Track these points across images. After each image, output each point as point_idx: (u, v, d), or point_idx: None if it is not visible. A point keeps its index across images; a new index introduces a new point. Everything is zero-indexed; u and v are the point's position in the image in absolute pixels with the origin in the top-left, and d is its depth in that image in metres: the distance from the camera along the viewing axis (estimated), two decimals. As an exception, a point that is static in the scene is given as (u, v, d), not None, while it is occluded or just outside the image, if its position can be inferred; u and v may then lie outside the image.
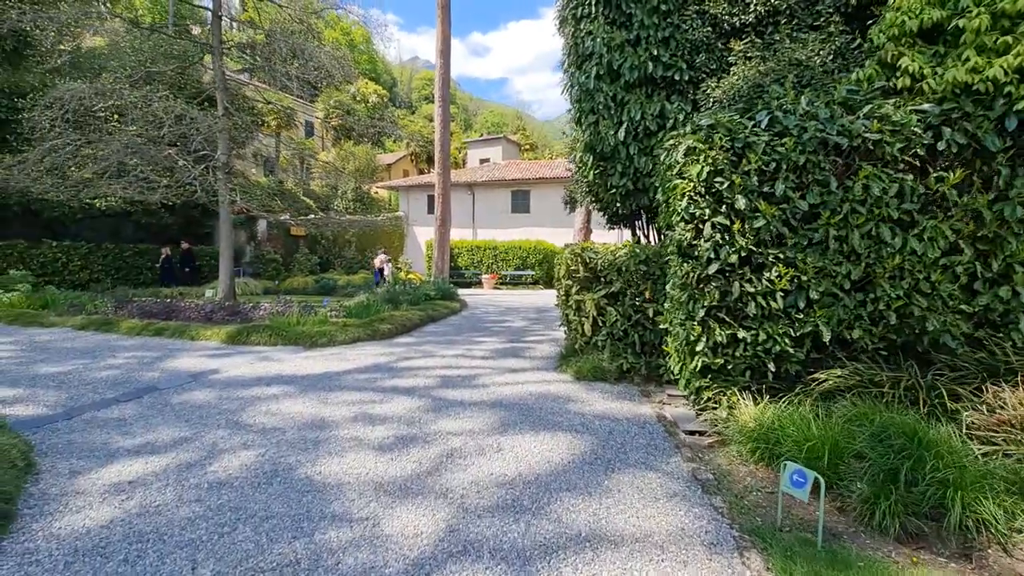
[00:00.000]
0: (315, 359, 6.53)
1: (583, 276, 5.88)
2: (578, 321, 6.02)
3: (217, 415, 4.24)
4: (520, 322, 10.58)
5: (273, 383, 5.28)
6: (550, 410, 4.51)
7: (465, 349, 7.34)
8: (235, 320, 8.02)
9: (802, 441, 2.99)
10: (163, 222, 15.66)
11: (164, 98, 9.59)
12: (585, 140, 5.84)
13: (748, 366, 3.88)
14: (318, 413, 4.32)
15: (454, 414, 4.35)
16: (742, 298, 3.72)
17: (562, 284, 6.26)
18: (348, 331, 7.88)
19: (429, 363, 6.40)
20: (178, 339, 7.45)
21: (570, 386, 5.36)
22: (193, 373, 5.63)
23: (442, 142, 17.54)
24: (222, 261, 11.60)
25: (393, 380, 5.49)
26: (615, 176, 5.75)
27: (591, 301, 5.76)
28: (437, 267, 17.61)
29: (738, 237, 3.65)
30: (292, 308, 8.36)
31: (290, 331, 7.56)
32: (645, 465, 3.36)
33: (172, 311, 8.27)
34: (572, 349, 6.31)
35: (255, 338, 7.28)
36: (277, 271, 19.28)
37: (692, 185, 3.75)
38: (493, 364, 6.38)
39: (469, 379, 5.60)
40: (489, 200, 27.34)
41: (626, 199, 5.90)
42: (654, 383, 5.50)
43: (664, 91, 5.45)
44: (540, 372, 5.98)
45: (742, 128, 3.69)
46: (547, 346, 7.68)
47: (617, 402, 4.83)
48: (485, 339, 8.29)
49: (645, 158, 5.54)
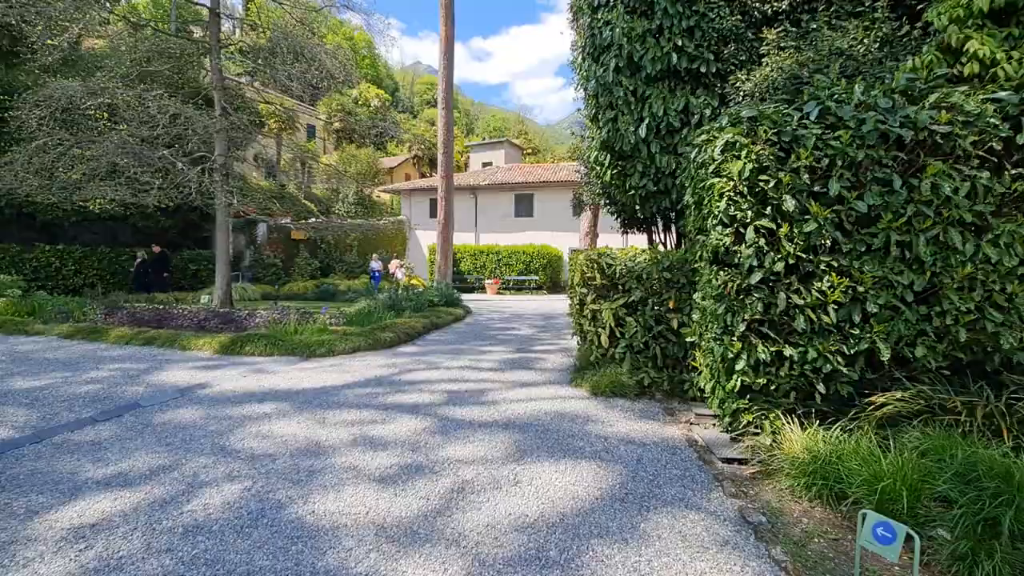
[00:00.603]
0: (312, 371, 6.12)
1: (600, 284, 5.48)
2: (594, 332, 5.62)
3: (202, 438, 3.84)
4: (527, 330, 10.17)
5: (266, 399, 4.87)
6: (569, 432, 4.09)
7: (472, 360, 6.93)
8: (229, 328, 7.62)
9: (871, 479, 2.58)
10: (160, 225, 15.31)
11: (159, 97, 9.24)
12: (602, 138, 5.45)
13: (793, 386, 3.47)
14: (313, 436, 3.91)
15: (463, 437, 3.94)
16: (789, 311, 3.31)
17: (576, 292, 5.86)
18: (348, 340, 7.48)
19: (434, 376, 5.99)
20: (168, 349, 7.05)
21: (587, 403, 4.95)
22: (180, 388, 5.23)
23: (445, 144, 17.18)
24: (218, 266, 11.23)
25: (396, 396, 5.08)
26: (635, 176, 5.35)
27: (608, 311, 5.35)
28: (440, 272, 17.22)
29: (785, 243, 3.25)
30: (289, 316, 7.96)
31: (287, 340, 7.17)
32: (684, 502, 2.95)
33: (164, 318, 7.88)
34: (587, 361, 5.90)
35: (249, 348, 6.88)
36: (277, 275, 18.93)
37: (732, 184, 3.35)
38: (502, 377, 5.97)
39: (478, 395, 5.19)
40: (492, 204, 26.99)
41: (646, 201, 5.50)
42: (677, 400, 5.08)
43: (689, 85, 5.06)
44: (553, 386, 5.56)
45: (789, 120, 3.29)
46: (558, 356, 7.26)
47: (640, 422, 4.42)
48: (492, 348, 7.88)
49: (668, 157, 5.14)
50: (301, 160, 33.04)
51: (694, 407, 4.75)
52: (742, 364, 3.44)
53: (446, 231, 17.15)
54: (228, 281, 11.38)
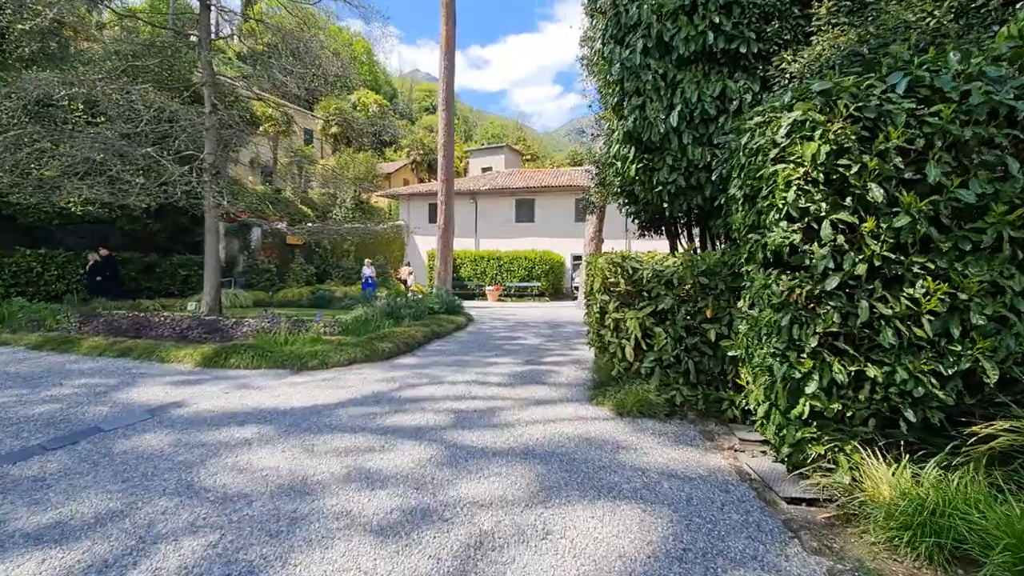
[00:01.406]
0: (303, 386, 5.52)
1: (624, 291, 4.92)
2: (617, 344, 5.04)
3: (167, 472, 3.24)
4: (534, 339, 9.59)
5: (248, 421, 4.27)
6: (599, 463, 3.51)
7: (478, 373, 6.34)
8: (214, 338, 7.02)
9: (1017, 545, 2.00)
10: (148, 229, 14.71)
11: (144, 91, 8.69)
12: (626, 128, 4.91)
13: (873, 413, 2.90)
14: (300, 468, 3.31)
15: (476, 470, 3.35)
16: (873, 322, 2.75)
17: (596, 300, 5.29)
18: (343, 351, 6.88)
19: (438, 392, 5.40)
20: (145, 361, 6.43)
21: (613, 425, 4.36)
22: (152, 407, 4.62)
23: (446, 146, 16.67)
24: (207, 271, 10.65)
25: (396, 416, 4.49)
26: (663, 171, 4.81)
27: (634, 320, 4.78)
28: (440, 278, 16.64)
29: (869, 240, 2.69)
30: (280, 324, 7.37)
31: (276, 351, 6.57)
32: (758, 561, 2.37)
33: (143, 327, 7.27)
34: (608, 376, 5.32)
35: (234, 360, 6.28)
36: (271, 281, 18.31)
37: (803, 171, 2.80)
38: (514, 394, 5.39)
39: (488, 415, 4.60)
40: (492, 209, 26.49)
41: (675, 198, 4.95)
42: (714, 421, 4.51)
43: (726, 67, 4.53)
44: (572, 405, 4.98)
45: (872, 92, 2.75)
46: (571, 369, 6.68)
47: (678, 449, 3.84)
48: (499, 360, 7.29)
49: (701, 148, 4.60)
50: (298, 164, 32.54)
51: (736, 430, 4.17)
52: (813, 386, 2.87)
53: (446, 236, 16.59)
54: (217, 287, 10.79)
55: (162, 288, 15.00)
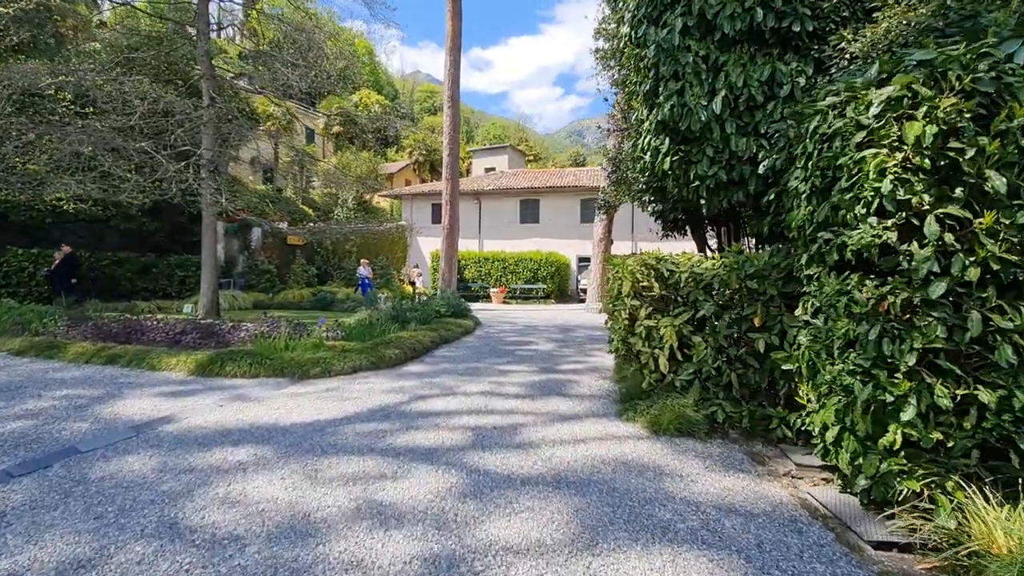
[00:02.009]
0: (304, 398, 5.08)
1: (659, 295, 4.47)
2: (649, 354, 4.60)
3: (149, 505, 2.79)
4: (546, 344, 9.14)
5: (243, 441, 3.83)
6: (644, 494, 3.06)
7: (493, 383, 5.90)
8: (209, 343, 6.58)
9: None
10: (145, 228, 14.28)
11: (138, 82, 8.27)
12: (661, 116, 4.47)
13: (979, 443, 2.46)
14: (301, 501, 2.87)
15: (505, 503, 2.90)
16: (987, 337, 2.31)
17: (625, 305, 4.85)
18: (347, 358, 6.44)
19: (452, 405, 4.96)
20: (134, 369, 5.99)
21: (650, 446, 3.92)
22: (137, 423, 4.18)
23: (451, 144, 16.27)
24: (204, 271, 10.23)
25: (408, 435, 4.04)
26: (702, 163, 4.36)
27: (670, 328, 4.34)
28: (444, 279, 16.22)
29: (985, 239, 2.25)
30: (280, 328, 6.93)
31: (275, 358, 6.13)
32: (866, 634, 1.92)
33: (134, 332, 6.83)
34: (638, 389, 4.88)
35: (231, 368, 5.83)
36: (271, 283, 17.87)
37: (901, 156, 2.36)
38: (534, 407, 4.94)
39: (510, 433, 4.15)
40: (496, 210, 26.08)
41: (714, 194, 4.51)
42: (760, 440, 4.06)
43: (775, 48, 4.09)
44: (600, 421, 4.53)
45: (984, 64, 2.31)
46: (591, 379, 6.23)
47: (728, 476, 3.39)
48: (513, 368, 6.85)
49: (745, 139, 4.16)
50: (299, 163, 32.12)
51: (792, 454, 3.72)
52: (910, 412, 2.43)
53: (451, 237, 16.17)
54: (214, 288, 10.37)
55: (159, 289, 14.56)
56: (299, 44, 11.59)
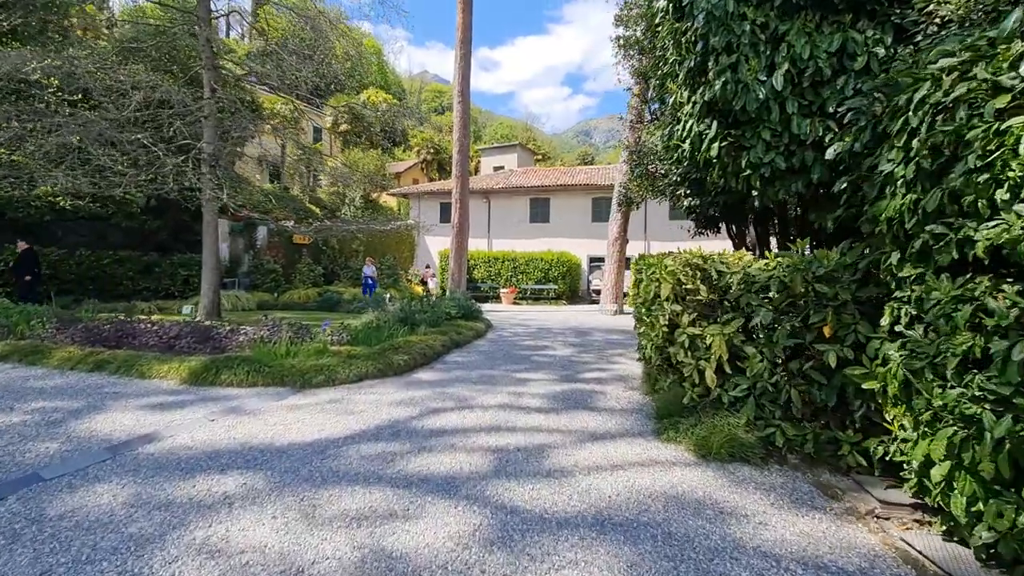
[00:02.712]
0: (305, 411, 4.59)
1: (706, 299, 3.93)
2: (693, 366, 4.06)
3: (110, 555, 2.30)
4: (563, 349, 8.61)
5: (233, 466, 3.34)
6: (707, 542, 2.53)
7: (511, 394, 5.38)
8: (205, 348, 6.12)
9: None
10: (147, 226, 13.91)
11: (135, 71, 7.83)
12: (710, 96, 3.93)
13: None
14: (295, 551, 2.37)
15: (541, 555, 2.38)
16: None
17: (663, 310, 4.31)
18: (353, 365, 5.96)
19: (468, 420, 4.45)
20: (122, 376, 5.53)
21: (700, 475, 3.38)
22: (115, 443, 3.70)
23: (461, 141, 15.79)
24: (204, 271, 9.79)
25: (421, 458, 3.54)
26: (757, 149, 3.82)
27: (719, 338, 3.79)
28: (453, 279, 15.75)
29: None
30: (281, 332, 6.46)
31: (275, 365, 5.65)
32: None
33: (126, 336, 6.38)
34: (677, 404, 4.34)
35: (226, 376, 5.36)
36: (276, 283, 17.48)
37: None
38: (560, 423, 4.42)
39: (537, 456, 3.64)
40: (506, 209, 25.56)
41: (769, 184, 3.96)
42: (827, 468, 3.51)
43: (846, 14, 3.54)
44: (637, 441, 4.00)
45: None
46: (618, 389, 5.70)
47: (803, 516, 2.85)
48: (530, 376, 6.33)
49: (809, 120, 3.61)
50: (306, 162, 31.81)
51: (867, 486, 3.17)
52: (1074, 455, 1.88)
53: (461, 235, 15.70)
54: (216, 289, 9.93)
55: (162, 289, 14.20)
56: (307, 41, 11.26)
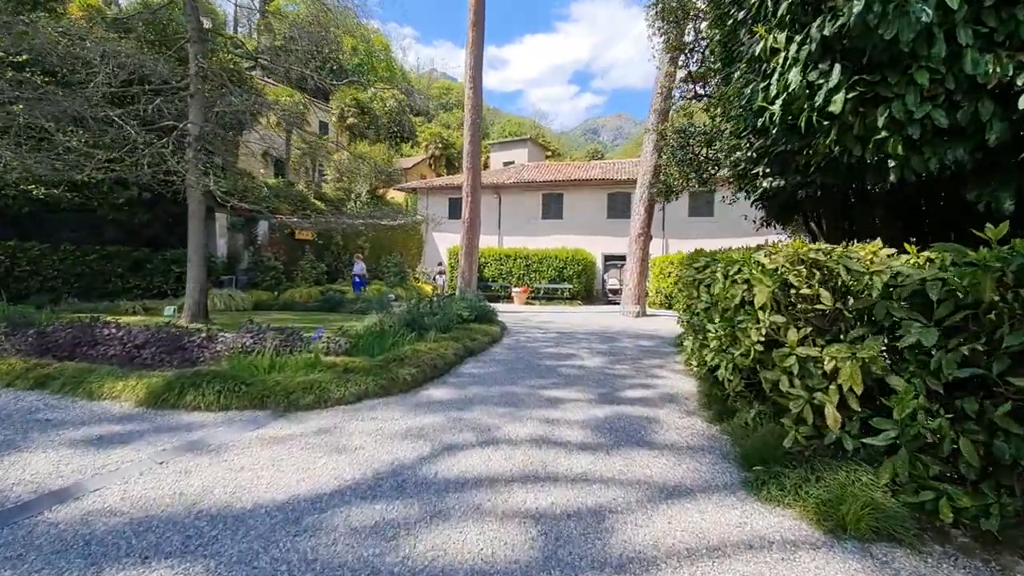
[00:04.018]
0: (285, 446, 3.57)
1: (829, 309, 2.86)
2: (804, 399, 2.98)
3: None
4: (592, 358, 7.54)
5: (164, 549, 2.31)
6: None
7: (543, 421, 4.33)
8: (174, 360, 5.13)
9: None
10: (137, 219, 12.98)
11: (103, 40, 6.85)
12: (829, 32, 2.84)
13: None
14: None
15: None
16: None
17: (756, 321, 3.24)
18: (351, 381, 4.94)
19: (494, 464, 3.40)
20: (66, 396, 4.53)
21: (843, 566, 2.32)
22: (12, 505, 2.68)
23: (472, 131, 14.78)
24: (190, 267, 8.83)
25: (435, 533, 2.50)
26: (906, 98, 2.73)
27: (850, 363, 2.72)
28: (464, 278, 14.72)
29: None
30: (266, 340, 5.44)
31: (256, 382, 4.63)
32: None
33: (83, 344, 5.40)
34: (770, 445, 3.27)
35: (192, 398, 4.35)
36: (277, 280, 16.54)
37: None
38: (614, 468, 3.36)
39: (596, 529, 2.58)
40: (517, 205, 24.49)
41: (915, 151, 2.87)
42: (1016, 552, 2.43)
43: None
44: (727, 501, 2.94)
45: None
46: (673, 414, 4.63)
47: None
48: (562, 394, 5.28)
49: (991, 56, 2.53)
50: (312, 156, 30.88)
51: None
52: None
53: (472, 231, 14.68)
54: (203, 287, 8.96)
55: (153, 286, 13.30)
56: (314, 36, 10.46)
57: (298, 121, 24.78)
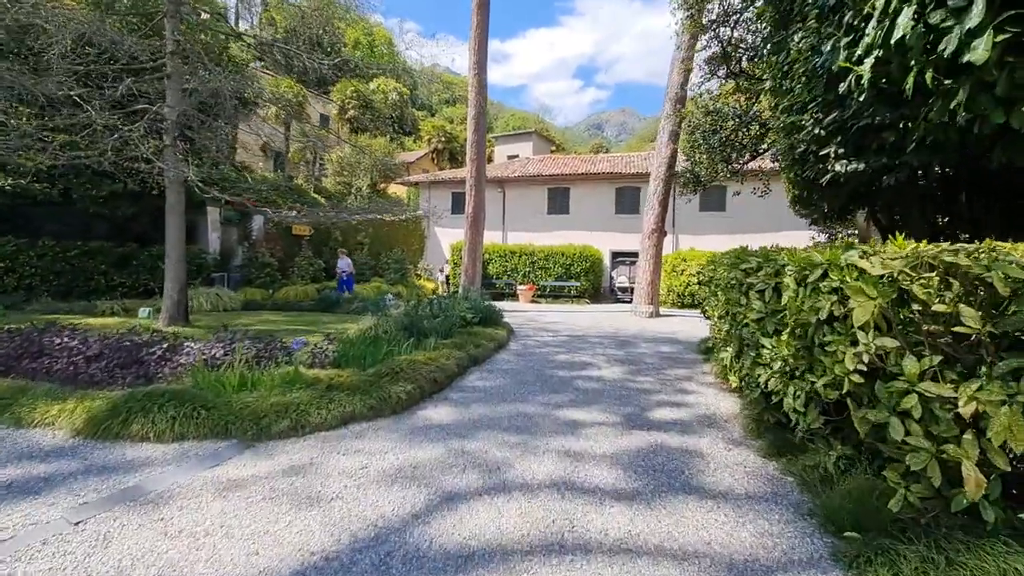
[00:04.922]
0: (245, 495, 2.83)
1: (980, 332, 2.08)
2: (929, 452, 2.21)
3: None
4: (609, 367, 6.77)
5: None
6: None
7: (562, 455, 3.58)
8: (127, 375, 4.39)
9: None
10: (121, 213, 12.26)
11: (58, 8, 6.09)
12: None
13: None
14: None
15: None
16: None
17: (864, 345, 2.45)
18: (334, 401, 4.20)
19: (505, 521, 2.65)
20: (-10, 424, 3.83)
21: None
22: None
23: (476, 120, 13.97)
24: (168, 264, 8.11)
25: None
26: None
27: (1007, 412, 1.94)
28: (467, 276, 13.98)
29: None
30: (237, 351, 4.69)
31: (220, 404, 3.90)
32: None
33: (26, 356, 4.67)
34: (874, 510, 2.50)
35: (140, 425, 3.61)
36: (272, 277, 15.81)
37: None
38: (660, 529, 2.60)
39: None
40: (522, 199, 23.69)
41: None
42: None
43: None
44: (824, 591, 2.18)
45: None
46: (716, 442, 3.87)
47: None
48: (581, 415, 4.52)
49: None
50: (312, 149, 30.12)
51: None
52: None
53: (476, 226, 13.94)
54: (182, 287, 8.23)
55: (139, 284, 12.60)
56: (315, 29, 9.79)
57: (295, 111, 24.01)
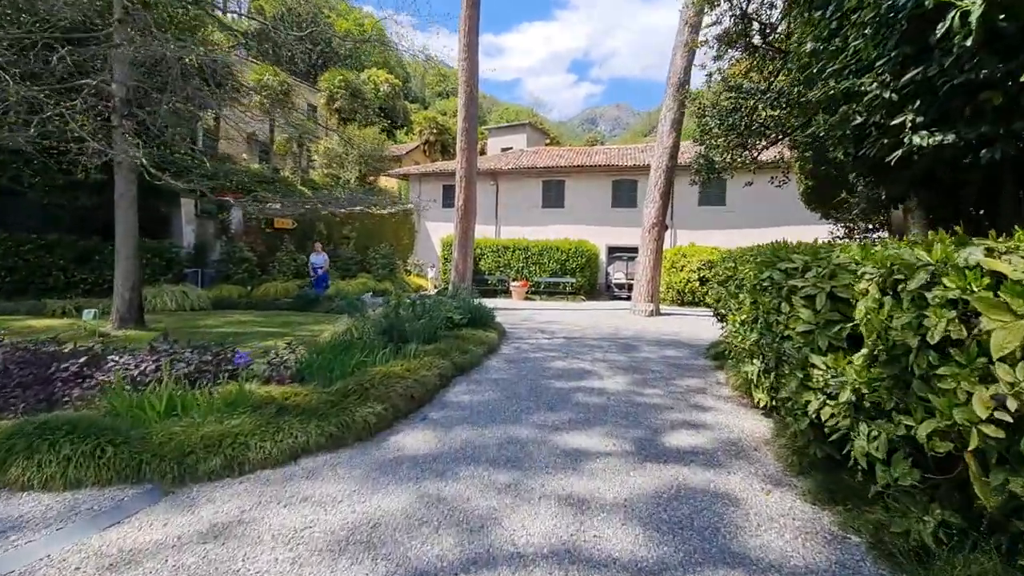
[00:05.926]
0: (139, 571, 2.07)
1: None
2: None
3: None
4: (612, 376, 6.03)
5: None
6: None
7: (563, 503, 2.84)
8: (28, 397, 3.58)
9: None
10: (81, 203, 11.33)
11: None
12: None
13: None
14: None
15: None
16: None
17: (1013, 382, 1.73)
18: (283, 429, 3.43)
19: (490, 625, 1.90)
20: None
21: None
22: None
23: (467, 107, 13.18)
24: (118, 260, 7.27)
25: None
26: None
27: None
28: (458, 271, 13.23)
29: None
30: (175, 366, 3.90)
31: (136, 436, 3.12)
32: None
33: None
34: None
35: (22, 468, 2.81)
36: (251, 273, 14.93)
37: None
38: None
39: None
40: (515, 192, 22.88)
41: None
42: None
43: None
44: None
45: None
46: (753, 481, 3.14)
47: None
48: (584, 441, 3.78)
49: None
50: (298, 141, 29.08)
51: None
52: None
53: (467, 219, 13.17)
54: (135, 284, 7.40)
55: (103, 281, 11.65)
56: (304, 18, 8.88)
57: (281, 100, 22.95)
